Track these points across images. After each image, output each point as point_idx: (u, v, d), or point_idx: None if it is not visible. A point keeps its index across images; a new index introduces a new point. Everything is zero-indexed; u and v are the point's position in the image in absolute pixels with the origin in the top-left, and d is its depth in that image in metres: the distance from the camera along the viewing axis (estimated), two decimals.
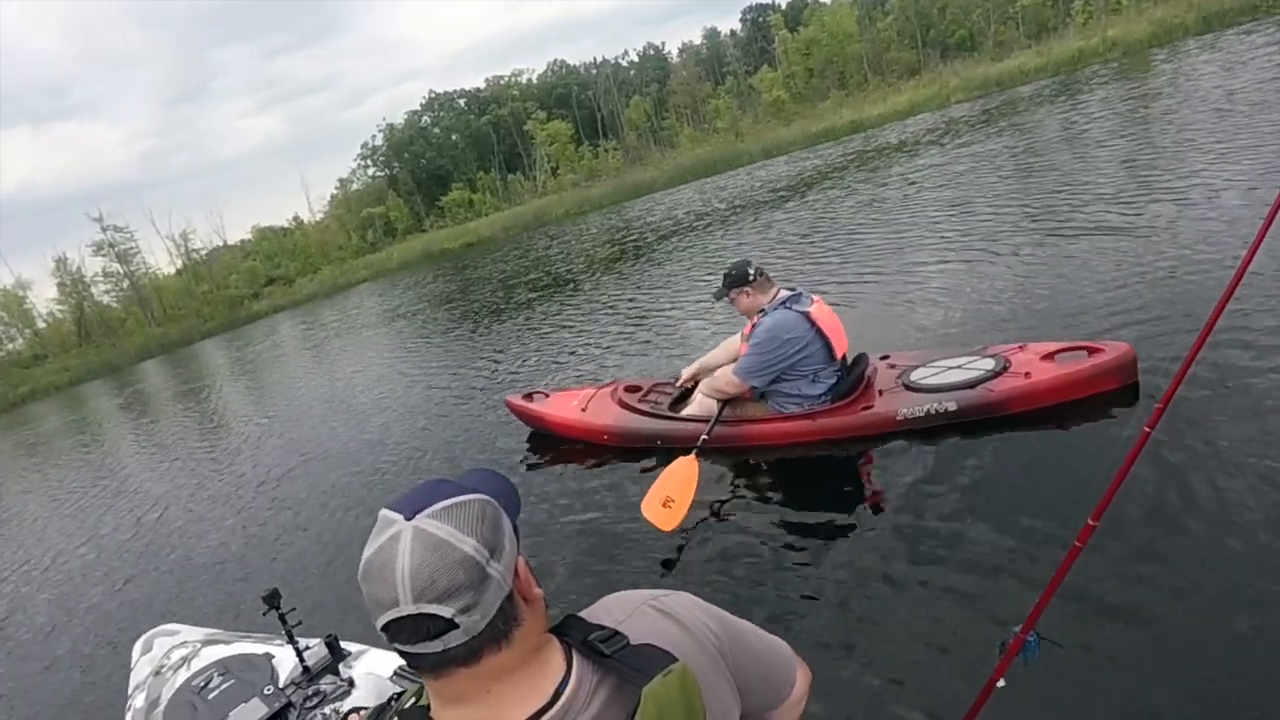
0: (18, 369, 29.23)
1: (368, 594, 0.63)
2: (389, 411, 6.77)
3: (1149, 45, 19.03)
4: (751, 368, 3.44)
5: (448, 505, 0.64)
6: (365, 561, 0.64)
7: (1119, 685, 1.86)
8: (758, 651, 0.84)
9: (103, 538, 5.89)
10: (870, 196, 10.40)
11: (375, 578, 0.63)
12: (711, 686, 0.72)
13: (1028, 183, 7.98)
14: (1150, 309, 3.90)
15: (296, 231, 42.26)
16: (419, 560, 0.61)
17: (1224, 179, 5.78)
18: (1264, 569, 2.06)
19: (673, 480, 3.21)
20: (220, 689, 1.89)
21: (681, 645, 0.72)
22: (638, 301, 8.32)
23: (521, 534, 0.71)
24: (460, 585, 0.61)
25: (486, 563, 0.63)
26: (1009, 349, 3.44)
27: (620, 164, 38.80)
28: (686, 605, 0.79)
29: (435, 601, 0.61)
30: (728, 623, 0.81)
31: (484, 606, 0.63)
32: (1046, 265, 5.10)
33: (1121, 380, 3.09)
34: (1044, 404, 3.12)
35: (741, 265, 3.52)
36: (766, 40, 45.04)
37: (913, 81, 30.52)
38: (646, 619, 0.75)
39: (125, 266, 35.11)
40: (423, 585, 0.61)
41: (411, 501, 0.65)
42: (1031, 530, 2.47)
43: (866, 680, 2.12)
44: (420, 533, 0.62)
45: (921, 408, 3.25)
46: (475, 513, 0.65)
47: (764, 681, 0.84)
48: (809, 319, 3.37)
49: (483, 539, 0.64)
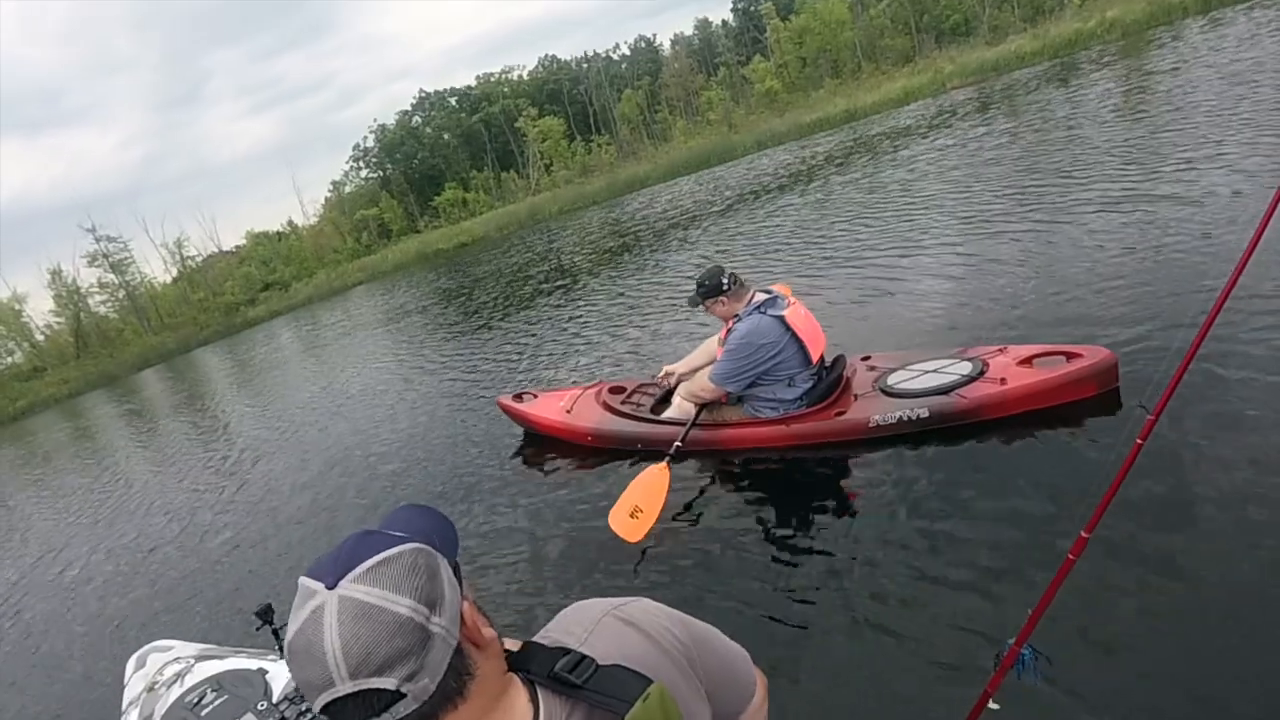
0: (16, 382, 29.25)
1: (296, 677, 0.57)
2: (384, 419, 6.74)
3: (1148, 26, 18.82)
4: (727, 373, 3.40)
5: (374, 564, 0.58)
6: (289, 642, 0.58)
7: (1116, 698, 1.83)
8: (722, 655, 0.82)
9: (97, 552, 5.91)
10: (863, 188, 10.28)
11: (302, 658, 0.56)
12: (682, 696, 0.70)
13: (1024, 172, 7.83)
14: (1142, 311, 3.76)
15: (291, 235, 42.12)
16: (349, 632, 0.55)
17: (1227, 169, 5.62)
18: (1262, 578, 2.03)
19: (641, 490, 3.18)
20: (214, 705, 1.89)
21: (648, 657, 0.71)
22: (629, 299, 8.32)
23: (500, 542, 0.60)
24: (401, 651, 0.56)
25: (427, 620, 0.58)
26: (989, 351, 3.37)
27: (613, 159, 38.60)
28: (649, 612, 0.77)
29: (376, 674, 0.55)
30: (692, 627, 0.79)
31: (431, 669, 0.57)
32: (1039, 261, 4.98)
33: (1100, 386, 3.01)
34: (1018, 411, 3.06)
35: (715, 274, 3.44)
36: (759, 29, 44.70)
37: (907, 68, 30.28)
38: (610, 631, 0.73)
39: (120, 276, 35.07)
40: (358, 660, 0.55)
41: (333, 565, 0.59)
42: (1011, 540, 2.42)
43: (849, 691, 2.08)
44: (346, 601, 0.56)
45: (894, 414, 3.21)
46: (406, 566, 0.59)
47: (731, 685, 0.82)
48: (784, 323, 3.32)
49: (419, 595, 0.58)
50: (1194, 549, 2.21)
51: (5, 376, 30.76)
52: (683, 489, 3.40)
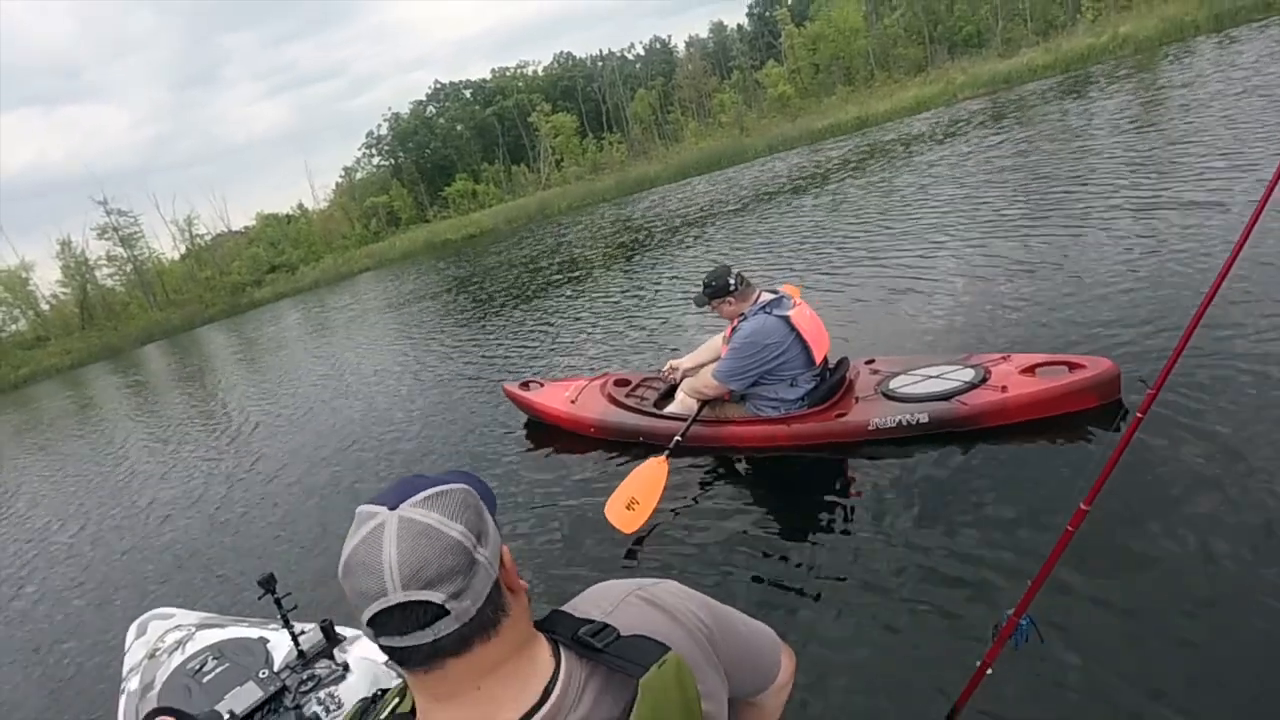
0: (20, 350, 29.26)
1: (351, 588, 0.62)
2: (389, 397, 6.76)
3: (1160, 42, 18.88)
4: (730, 371, 3.43)
5: (430, 494, 0.64)
6: (347, 556, 0.62)
7: (1111, 669, 1.86)
8: (744, 637, 0.84)
9: (99, 520, 5.90)
10: (876, 192, 10.35)
11: (359, 570, 0.61)
12: (702, 674, 0.72)
13: (1037, 180, 7.90)
14: (1151, 321, 3.77)
15: (300, 219, 42.17)
16: (407, 546, 0.60)
17: (1245, 180, 5.65)
18: (1257, 556, 2.07)
19: (639, 482, 3.22)
20: (215, 672, 1.89)
21: (671, 635, 0.72)
22: (638, 293, 8.32)
23: (503, 524, 0.70)
24: (450, 570, 0.60)
25: (474, 548, 0.63)
26: (993, 358, 3.39)
27: (624, 157, 38.66)
28: (674, 593, 0.79)
29: (426, 587, 0.60)
30: (714, 610, 0.81)
31: (474, 592, 0.62)
32: (1050, 269, 5.00)
33: (1101, 398, 3.00)
34: (1018, 420, 3.07)
35: (722, 275, 3.46)
36: (773, 35, 44.75)
37: (919, 78, 30.30)
38: (634, 609, 0.75)
39: (129, 250, 35.08)
40: (412, 571, 0.60)
41: (393, 494, 0.64)
42: (1007, 540, 2.45)
43: (853, 664, 2.11)
44: (406, 520, 0.61)
45: (894, 418, 3.23)
46: (459, 500, 0.64)
47: (752, 667, 0.84)
48: (789, 324, 3.34)
49: (469, 524, 0.63)
50: (1193, 522, 2.24)
51: (8, 344, 30.71)
52: (682, 483, 3.42)
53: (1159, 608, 2.01)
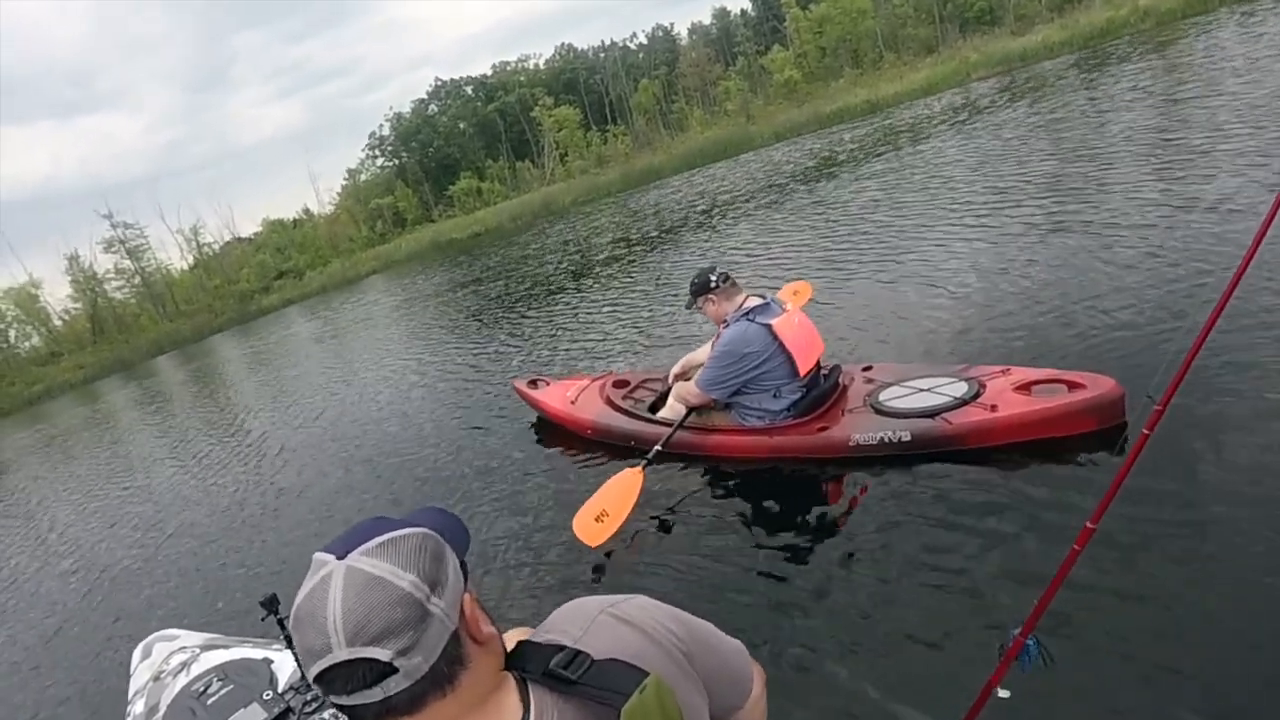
0: (34, 366, 29.53)
1: (299, 644, 0.59)
2: (396, 409, 6.64)
3: (1182, 15, 18.17)
4: (710, 380, 3.37)
5: (383, 541, 0.61)
6: (295, 609, 0.60)
7: (1120, 687, 1.82)
8: (720, 651, 0.81)
9: (104, 540, 5.92)
10: (885, 184, 9.95)
11: (305, 625, 0.59)
12: (681, 690, 0.70)
13: (1057, 170, 7.46)
14: (1168, 323, 3.44)
15: (306, 223, 42.19)
16: (352, 599, 0.57)
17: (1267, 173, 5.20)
18: (1275, 577, 1.97)
19: (610, 494, 3.13)
20: (220, 694, 1.89)
21: (645, 654, 0.70)
22: (644, 291, 8.24)
23: (486, 535, 0.53)
24: (398, 624, 0.57)
25: (427, 599, 0.59)
26: (992, 371, 3.16)
27: (629, 149, 38.23)
28: (645, 609, 0.76)
29: (371, 643, 0.57)
30: (688, 623, 0.78)
31: (425, 648, 0.59)
32: (1067, 269, 4.62)
33: (1101, 422, 2.73)
34: (1005, 441, 2.84)
35: (704, 272, 3.44)
36: (778, 19, 44.04)
37: (930, 58, 29.65)
38: (606, 629, 0.72)
39: (136, 263, 35.25)
40: (355, 627, 0.56)
41: (345, 541, 0.62)
42: (1008, 559, 2.35)
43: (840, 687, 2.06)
44: (353, 571, 0.59)
45: (876, 435, 3.07)
46: (414, 546, 0.61)
47: (729, 680, 0.81)
48: (771, 332, 3.22)
49: (422, 573, 0.60)
50: (1201, 540, 2.17)
51: (23, 361, 31.08)
52: (661, 492, 3.38)
53: (1169, 629, 1.94)
